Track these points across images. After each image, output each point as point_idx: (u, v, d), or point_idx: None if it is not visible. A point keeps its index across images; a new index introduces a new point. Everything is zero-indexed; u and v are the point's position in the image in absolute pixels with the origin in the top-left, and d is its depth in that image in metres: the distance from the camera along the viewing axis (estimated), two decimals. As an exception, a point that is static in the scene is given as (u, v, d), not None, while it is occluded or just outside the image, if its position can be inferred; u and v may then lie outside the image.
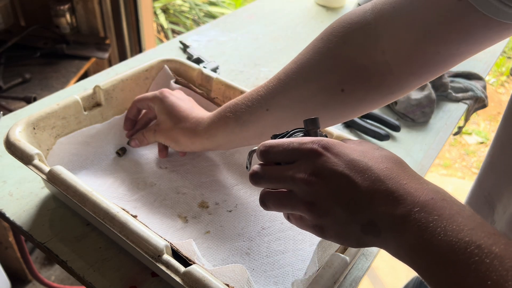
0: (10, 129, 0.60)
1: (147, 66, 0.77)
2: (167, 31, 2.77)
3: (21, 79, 1.40)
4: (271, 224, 0.64)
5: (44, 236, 0.59)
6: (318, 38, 0.55)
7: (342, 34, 0.52)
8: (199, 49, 1.09)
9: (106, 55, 1.58)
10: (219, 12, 2.96)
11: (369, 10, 0.50)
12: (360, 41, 0.51)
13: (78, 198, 0.53)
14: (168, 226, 0.62)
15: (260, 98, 0.57)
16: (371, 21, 0.50)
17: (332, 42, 0.53)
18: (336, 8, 1.39)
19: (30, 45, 1.54)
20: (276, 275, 0.58)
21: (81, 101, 0.68)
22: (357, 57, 0.51)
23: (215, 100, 0.78)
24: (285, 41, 1.18)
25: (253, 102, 0.58)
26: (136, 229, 0.49)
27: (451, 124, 0.93)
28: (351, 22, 0.52)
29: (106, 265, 0.56)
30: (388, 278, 1.72)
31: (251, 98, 0.58)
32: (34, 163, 0.56)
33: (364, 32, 0.50)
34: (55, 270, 1.60)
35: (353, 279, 0.59)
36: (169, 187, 0.68)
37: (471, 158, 2.58)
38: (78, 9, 1.64)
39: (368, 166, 0.36)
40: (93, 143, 0.70)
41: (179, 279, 0.45)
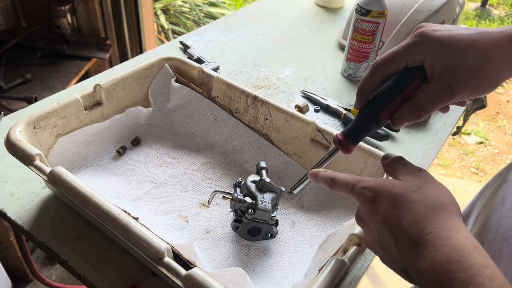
0: (11, 129, 0.60)
1: (148, 65, 0.77)
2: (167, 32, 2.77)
3: (22, 79, 1.40)
4: (271, 223, 0.64)
5: (45, 236, 0.59)
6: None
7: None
8: (199, 50, 1.09)
9: (106, 56, 1.58)
10: (219, 12, 2.96)
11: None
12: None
13: (79, 200, 0.53)
14: (169, 226, 0.62)
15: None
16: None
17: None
18: (335, 9, 1.39)
19: (31, 46, 1.55)
20: (275, 276, 0.58)
21: (81, 100, 0.68)
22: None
23: (216, 99, 0.78)
24: (285, 41, 1.18)
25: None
26: (138, 232, 0.49)
27: (450, 124, 0.93)
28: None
29: (106, 264, 0.57)
30: (387, 278, 1.73)
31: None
32: (35, 163, 0.57)
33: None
34: (56, 269, 1.60)
35: (352, 278, 0.59)
36: (169, 187, 0.69)
37: (470, 158, 2.58)
38: (79, 9, 1.64)
39: (398, 218, 0.38)
40: (93, 142, 0.71)
41: (180, 282, 0.46)
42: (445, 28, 0.44)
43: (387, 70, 0.46)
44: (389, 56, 0.45)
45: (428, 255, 0.35)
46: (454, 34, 0.43)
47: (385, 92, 0.46)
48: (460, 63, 0.42)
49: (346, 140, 0.49)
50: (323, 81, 1.03)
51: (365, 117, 0.48)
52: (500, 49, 0.42)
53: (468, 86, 0.43)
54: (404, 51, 0.44)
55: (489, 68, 0.42)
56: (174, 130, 0.78)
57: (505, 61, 0.42)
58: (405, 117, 0.46)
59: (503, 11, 4.30)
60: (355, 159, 0.65)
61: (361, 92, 0.48)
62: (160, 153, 0.75)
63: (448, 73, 0.42)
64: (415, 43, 0.44)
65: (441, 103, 0.44)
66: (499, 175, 0.51)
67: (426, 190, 0.39)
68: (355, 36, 0.97)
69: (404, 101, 0.46)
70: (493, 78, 0.43)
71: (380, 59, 0.46)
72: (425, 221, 0.37)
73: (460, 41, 0.42)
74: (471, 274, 0.32)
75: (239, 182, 0.64)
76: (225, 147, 0.76)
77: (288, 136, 0.72)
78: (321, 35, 1.24)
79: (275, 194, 0.61)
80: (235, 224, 0.60)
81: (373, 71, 0.46)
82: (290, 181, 0.71)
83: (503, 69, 0.43)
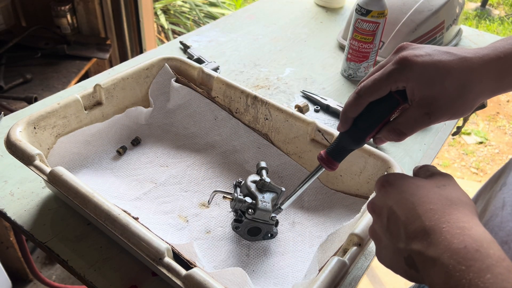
0: (11, 129, 0.60)
1: (148, 65, 0.77)
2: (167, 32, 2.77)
3: (22, 79, 1.40)
4: (271, 223, 0.64)
5: (45, 236, 0.59)
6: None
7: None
8: (199, 50, 1.10)
9: (107, 56, 1.59)
10: (219, 12, 2.96)
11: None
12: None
13: (79, 200, 0.53)
14: (169, 226, 0.62)
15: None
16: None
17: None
18: (335, 9, 1.39)
19: (31, 46, 1.55)
20: (275, 276, 0.58)
21: (81, 100, 0.68)
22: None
23: (216, 99, 0.78)
24: (285, 41, 1.18)
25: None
26: (138, 232, 0.49)
27: (450, 124, 0.93)
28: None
29: (106, 264, 0.57)
30: (387, 278, 1.73)
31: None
32: (35, 163, 0.57)
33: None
34: (56, 269, 1.60)
35: (352, 278, 0.59)
36: (169, 187, 0.69)
37: (470, 158, 2.58)
38: (79, 9, 1.64)
39: (414, 205, 0.38)
40: (93, 142, 0.71)
41: (180, 282, 0.46)
42: (427, 52, 0.45)
43: (372, 97, 0.47)
44: (373, 84, 0.46)
45: (443, 241, 0.34)
46: (435, 60, 0.44)
47: (369, 118, 0.48)
48: (439, 92, 0.44)
49: (330, 159, 0.52)
50: (323, 81, 1.03)
51: (350, 140, 0.50)
52: (477, 78, 0.43)
53: (446, 113, 0.45)
54: (388, 79, 0.46)
55: (467, 97, 0.44)
56: (174, 130, 0.78)
57: (482, 89, 0.44)
58: (386, 138, 0.48)
59: (503, 11, 4.30)
60: (355, 159, 0.66)
61: (345, 118, 0.49)
62: (160, 153, 0.75)
63: (427, 101, 0.44)
64: (397, 70, 0.45)
65: (419, 128, 0.46)
66: (496, 178, 0.51)
67: (450, 188, 0.40)
68: (355, 36, 0.97)
69: (386, 123, 0.48)
70: (470, 105, 0.45)
71: (365, 87, 0.47)
72: (443, 211, 0.37)
73: (441, 69, 0.44)
74: (489, 264, 0.32)
75: (239, 182, 0.64)
76: (225, 147, 0.76)
77: (288, 136, 0.72)
78: (321, 35, 1.24)
79: (275, 194, 0.61)
80: (235, 224, 0.60)
81: (357, 99, 0.48)
82: (290, 181, 0.71)
83: (479, 96, 0.45)
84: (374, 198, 0.43)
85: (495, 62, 0.44)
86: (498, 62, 0.44)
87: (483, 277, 0.31)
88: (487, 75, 0.44)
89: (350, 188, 0.68)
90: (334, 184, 0.70)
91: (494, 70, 0.44)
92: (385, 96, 0.47)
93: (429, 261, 0.35)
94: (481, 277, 0.31)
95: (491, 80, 0.44)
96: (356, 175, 0.66)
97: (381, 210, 0.41)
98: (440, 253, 0.34)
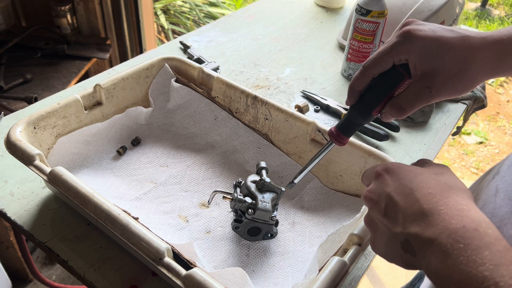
0: (11, 129, 0.60)
1: (148, 65, 0.77)
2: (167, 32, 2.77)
3: (22, 79, 1.40)
4: (271, 223, 0.64)
5: (45, 236, 0.59)
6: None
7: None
8: (199, 50, 1.10)
9: (107, 56, 1.59)
10: (219, 12, 2.96)
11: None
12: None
13: (79, 200, 0.53)
14: (169, 226, 0.62)
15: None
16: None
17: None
18: (335, 9, 1.39)
19: (31, 46, 1.54)
20: (276, 276, 0.58)
21: (81, 100, 0.68)
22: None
23: (216, 99, 0.78)
24: (285, 41, 1.18)
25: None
26: (138, 232, 0.49)
27: (450, 124, 0.93)
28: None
29: (106, 264, 0.57)
30: (387, 278, 1.73)
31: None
32: (35, 163, 0.57)
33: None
34: (56, 269, 1.60)
35: (352, 278, 0.59)
36: (169, 187, 0.69)
37: (470, 158, 2.58)
38: (79, 9, 1.64)
39: (412, 190, 0.39)
40: (93, 142, 0.71)
41: (180, 282, 0.46)
42: (430, 28, 0.46)
43: (376, 70, 0.48)
44: (377, 56, 0.48)
45: (441, 222, 0.35)
46: (437, 36, 0.45)
47: (374, 91, 0.49)
48: (440, 66, 0.44)
49: (340, 133, 0.53)
50: (323, 81, 1.03)
51: (357, 114, 0.51)
52: (478, 56, 0.44)
53: (446, 89, 0.45)
54: (390, 51, 0.47)
55: (466, 73, 0.44)
56: (174, 130, 0.78)
57: (481, 67, 0.44)
58: (389, 114, 0.49)
59: (503, 11, 4.30)
60: (355, 159, 0.66)
61: (352, 91, 0.50)
62: (160, 153, 0.75)
63: (428, 75, 0.45)
64: (400, 42, 0.46)
65: (420, 103, 0.46)
66: (488, 172, 0.52)
67: (447, 175, 0.41)
68: (355, 36, 0.97)
69: (392, 97, 0.49)
70: (469, 82, 0.45)
71: (370, 60, 0.48)
72: (442, 195, 0.37)
73: (443, 44, 0.44)
74: (487, 242, 0.32)
75: (239, 182, 0.64)
76: (225, 147, 0.76)
77: (288, 136, 0.72)
78: (321, 35, 1.24)
79: (275, 194, 0.61)
80: (235, 224, 0.60)
81: (363, 72, 0.49)
82: (290, 181, 0.71)
83: (478, 74, 0.45)
84: (371, 187, 0.43)
85: (496, 43, 0.45)
86: (499, 43, 0.45)
87: (481, 254, 0.31)
88: (487, 54, 0.45)
89: (350, 188, 0.68)
90: (334, 184, 0.70)
91: (494, 51, 0.45)
92: (390, 70, 0.48)
93: (426, 242, 0.35)
94: (479, 254, 0.31)
95: (490, 60, 0.45)
96: (356, 175, 0.66)
97: (379, 198, 0.41)
98: (438, 233, 0.34)
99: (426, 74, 0.45)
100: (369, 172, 0.45)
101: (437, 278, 0.34)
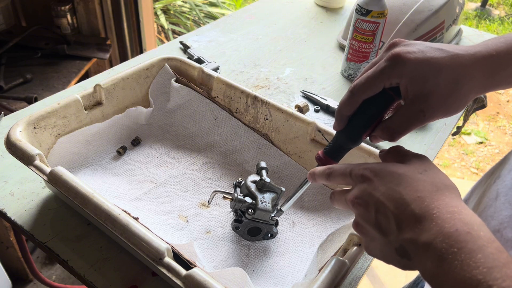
0: (11, 129, 0.60)
1: (148, 65, 0.77)
2: (167, 32, 2.77)
3: (22, 79, 1.40)
4: (271, 223, 0.64)
5: (45, 236, 0.59)
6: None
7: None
8: (199, 50, 1.10)
9: (107, 56, 1.59)
10: (219, 13, 2.96)
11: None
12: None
13: (79, 200, 0.53)
14: (169, 226, 0.62)
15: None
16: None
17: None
18: (335, 9, 1.39)
19: (31, 46, 1.55)
20: (275, 276, 0.58)
21: (81, 100, 0.68)
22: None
23: (216, 99, 0.78)
24: (285, 41, 1.18)
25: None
26: (138, 232, 0.49)
27: (450, 124, 0.93)
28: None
29: (106, 264, 0.57)
30: (387, 278, 1.73)
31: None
32: (35, 163, 0.57)
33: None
34: (56, 269, 1.60)
35: (352, 279, 0.59)
36: (169, 187, 0.69)
37: (470, 158, 2.58)
38: (79, 9, 1.64)
39: (401, 194, 0.38)
40: (93, 142, 0.71)
41: (180, 282, 0.46)
42: (419, 49, 0.45)
43: (365, 94, 0.47)
44: (366, 81, 0.46)
45: (435, 227, 0.35)
46: (427, 57, 0.44)
47: (364, 116, 0.48)
48: (433, 89, 0.43)
49: (328, 158, 0.51)
50: (323, 81, 1.03)
51: (346, 139, 0.50)
52: (469, 74, 0.44)
53: (439, 110, 0.45)
54: (380, 76, 0.45)
55: (459, 93, 0.44)
56: (174, 130, 0.78)
57: (473, 86, 0.44)
58: (381, 137, 0.48)
59: (503, 11, 4.30)
60: (355, 159, 0.66)
61: (341, 116, 0.49)
62: (160, 153, 0.75)
63: (420, 98, 0.44)
64: (390, 66, 0.45)
65: (414, 127, 0.46)
66: (491, 173, 0.52)
67: (432, 173, 0.40)
68: (355, 36, 0.97)
69: (382, 119, 0.48)
70: (462, 101, 0.45)
71: (358, 85, 0.47)
72: (431, 197, 0.37)
73: (434, 65, 0.44)
74: (480, 245, 0.32)
75: (239, 182, 0.64)
76: (225, 147, 0.76)
77: (288, 136, 0.72)
78: (321, 35, 1.24)
79: (275, 194, 0.61)
80: (235, 224, 0.60)
81: (351, 97, 0.47)
82: (290, 181, 0.71)
83: (470, 93, 0.45)
84: (356, 192, 0.42)
85: (487, 59, 0.44)
86: (489, 59, 0.44)
87: (474, 257, 0.32)
88: (478, 71, 0.44)
89: (350, 188, 0.68)
90: (334, 185, 0.70)
91: (485, 67, 0.44)
92: (379, 93, 0.46)
93: (422, 248, 0.35)
94: (472, 257, 0.32)
95: (482, 77, 0.45)
96: (356, 175, 0.66)
97: (367, 204, 0.41)
98: (433, 238, 0.34)
99: (419, 97, 0.44)
100: (346, 179, 0.45)
101: (433, 281, 0.34)
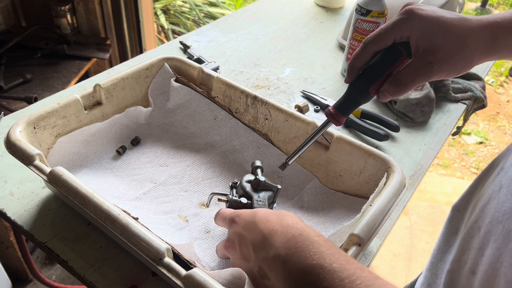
0: (11, 129, 0.60)
1: (148, 64, 0.77)
2: (167, 32, 2.77)
3: (22, 79, 1.40)
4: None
5: (45, 236, 0.59)
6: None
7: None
8: (199, 50, 1.10)
9: (107, 56, 1.59)
10: (219, 12, 2.96)
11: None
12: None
13: (79, 200, 0.53)
14: (169, 226, 0.62)
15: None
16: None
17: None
18: (335, 9, 1.40)
19: (31, 46, 1.55)
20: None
21: (81, 100, 0.68)
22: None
23: (216, 99, 0.78)
24: (285, 41, 1.18)
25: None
26: (138, 232, 0.49)
27: (450, 124, 0.93)
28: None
29: (106, 264, 0.57)
30: (387, 278, 1.72)
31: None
32: (35, 163, 0.56)
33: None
34: (56, 269, 1.60)
35: (352, 278, 0.59)
36: (169, 187, 0.69)
37: (470, 158, 2.58)
38: (79, 9, 1.64)
39: (256, 223, 0.46)
40: (93, 142, 0.71)
41: (180, 282, 0.46)
42: (431, 9, 0.49)
43: (376, 46, 0.50)
44: (378, 33, 0.49)
45: (278, 239, 0.42)
46: (438, 15, 0.48)
47: (373, 68, 0.50)
48: (440, 44, 0.47)
49: (337, 112, 0.53)
50: (323, 81, 1.03)
51: (355, 91, 0.52)
52: (474, 36, 0.47)
53: (446, 66, 0.48)
54: (392, 28, 0.49)
55: (464, 51, 0.47)
56: (173, 130, 0.78)
57: (477, 47, 0.47)
58: (388, 91, 0.50)
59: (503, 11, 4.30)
60: (355, 159, 0.66)
61: (352, 68, 0.52)
62: (159, 153, 0.75)
63: (429, 51, 0.47)
64: (402, 20, 0.48)
65: (421, 79, 0.48)
66: (492, 164, 0.52)
67: (276, 212, 0.48)
68: (355, 36, 0.97)
69: (390, 75, 0.50)
70: (467, 61, 0.48)
71: (371, 37, 0.50)
72: (277, 220, 0.45)
73: (443, 23, 0.47)
74: (312, 241, 0.40)
75: (235, 182, 0.64)
76: (225, 147, 0.76)
77: (288, 136, 0.72)
78: (321, 35, 1.24)
79: (272, 192, 0.61)
80: None
81: (364, 48, 0.50)
82: (290, 181, 0.71)
83: (475, 54, 0.48)
84: (227, 236, 0.51)
85: (491, 24, 0.48)
86: (493, 24, 0.48)
87: (308, 251, 0.39)
88: (483, 34, 0.48)
89: (350, 188, 0.68)
90: (334, 184, 0.70)
91: (488, 31, 0.48)
92: (389, 47, 0.49)
93: (271, 261, 0.42)
94: (306, 251, 0.39)
95: (485, 40, 0.48)
96: (356, 175, 0.66)
97: (234, 242, 0.48)
98: (277, 248, 0.42)
99: (428, 50, 0.47)
100: (224, 223, 0.53)
101: (286, 283, 0.40)
